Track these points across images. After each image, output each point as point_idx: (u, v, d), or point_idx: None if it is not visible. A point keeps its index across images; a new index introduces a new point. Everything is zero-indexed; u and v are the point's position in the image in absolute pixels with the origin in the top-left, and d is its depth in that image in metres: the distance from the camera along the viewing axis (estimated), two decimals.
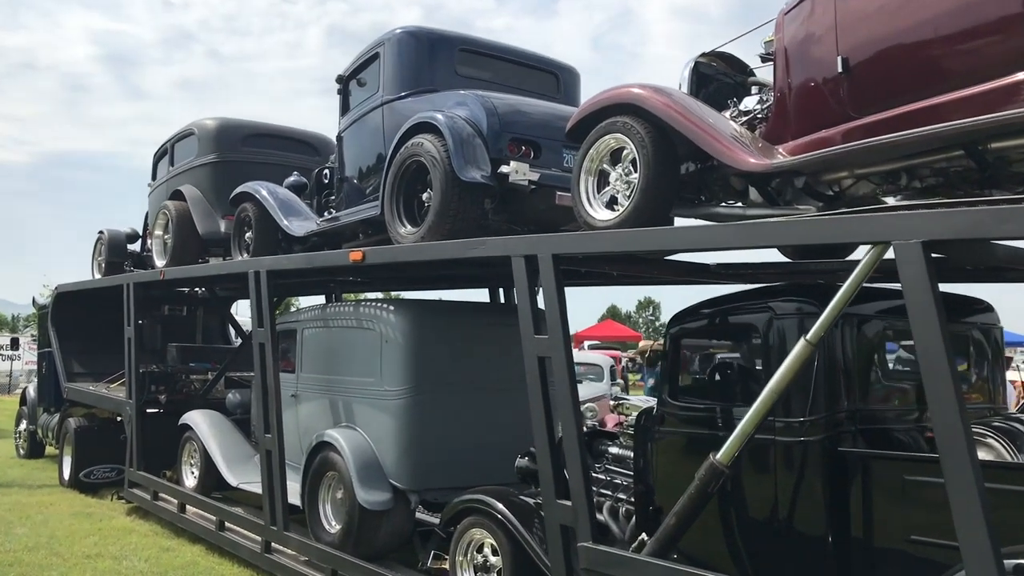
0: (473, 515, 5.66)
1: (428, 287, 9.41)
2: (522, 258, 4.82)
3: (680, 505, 3.98)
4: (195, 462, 9.07)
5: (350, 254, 6.27)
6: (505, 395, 6.91)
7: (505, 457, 6.86)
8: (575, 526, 4.44)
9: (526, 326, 4.78)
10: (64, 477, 11.25)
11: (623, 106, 4.72)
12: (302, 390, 7.53)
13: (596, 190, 4.91)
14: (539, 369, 4.69)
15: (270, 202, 7.84)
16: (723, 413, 4.43)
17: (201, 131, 9.56)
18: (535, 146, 5.96)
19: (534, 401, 4.71)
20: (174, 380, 10.49)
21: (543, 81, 7.09)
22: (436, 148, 5.80)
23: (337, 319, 7.30)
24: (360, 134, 7.11)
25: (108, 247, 11.71)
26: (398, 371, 6.52)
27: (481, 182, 5.61)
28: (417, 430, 6.48)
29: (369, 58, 7.00)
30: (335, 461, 6.73)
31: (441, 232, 5.76)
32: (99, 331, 12.35)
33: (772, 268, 5.78)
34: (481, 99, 5.99)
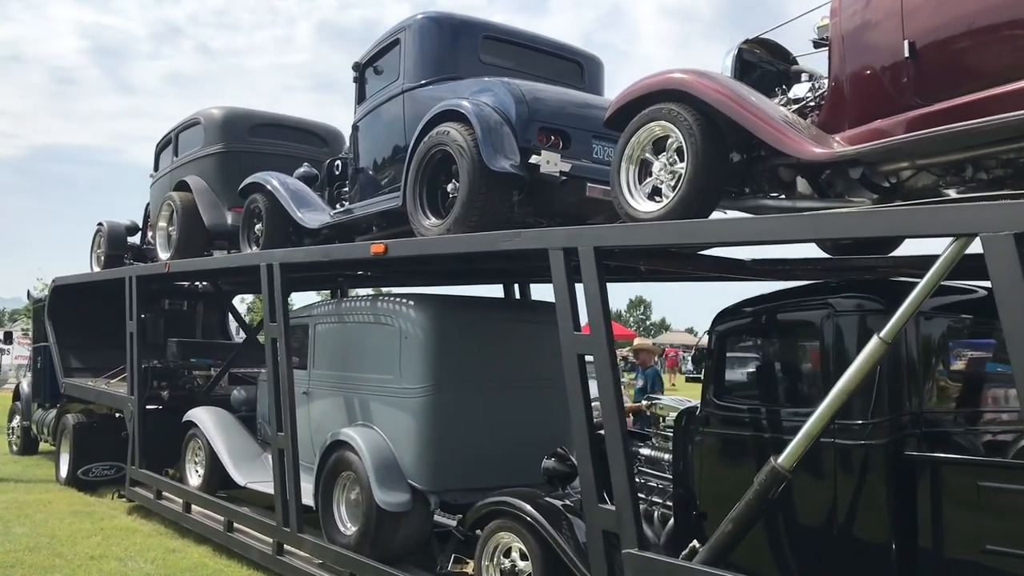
0: (500, 518, 5.45)
1: (440, 282, 9.19)
2: (560, 251, 4.61)
3: (738, 511, 3.78)
4: (200, 460, 8.83)
5: (372, 247, 6.03)
6: (526, 393, 6.72)
7: (526, 457, 6.66)
8: (619, 532, 4.23)
9: (564, 322, 4.58)
10: (62, 475, 10.98)
11: (668, 92, 4.51)
12: (314, 387, 7.29)
13: (637, 180, 4.69)
14: (578, 367, 4.48)
15: (282, 193, 7.60)
16: (774, 414, 4.24)
17: (207, 120, 9.30)
18: (564, 136, 5.75)
19: (573, 401, 4.50)
20: (176, 376, 10.24)
21: (567, 70, 6.88)
22: (463, 137, 5.58)
23: (353, 314, 7.06)
24: (378, 123, 6.88)
25: (108, 239, 11.44)
26: (418, 368, 6.29)
27: (511, 172, 5.39)
28: (437, 429, 6.27)
29: (388, 45, 6.77)
30: (351, 461, 6.51)
31: (468, 224, 5.55)
32: (97, 325, 12.08)
33: (811, 264, 5.59)
34: (508, 86, 5.77)
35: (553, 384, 6.86)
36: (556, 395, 6.87)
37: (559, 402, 6.87)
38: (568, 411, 6.88)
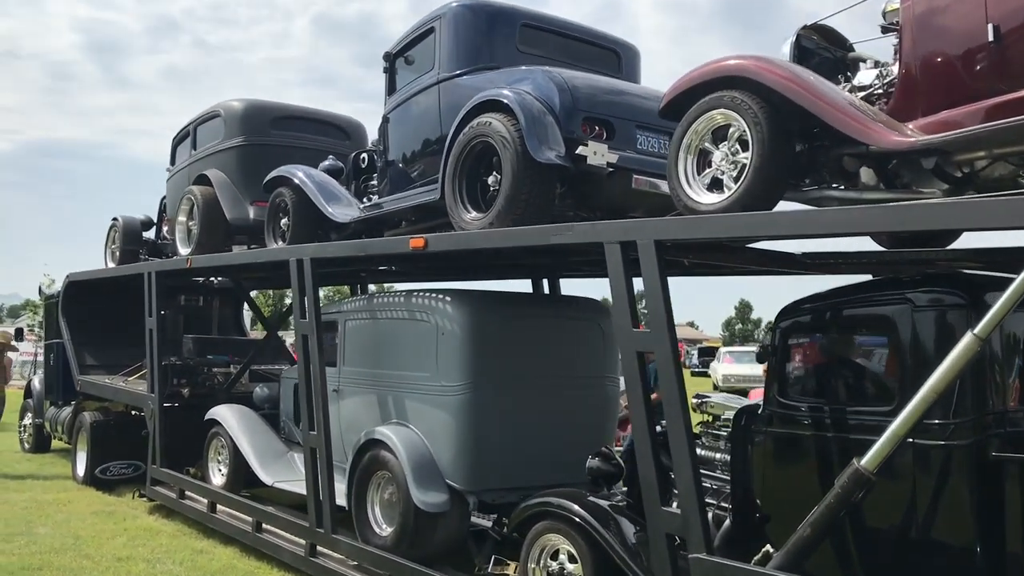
0: (547, 519, 5.30)
1: (465, 278, 9.03)
2: (617, 245, 4.45)
3: (817, 515, 3.63)
4: (223, 459, 8.68)
5: (411, 241, 5.87)
6: (563, 391, 6.59)
7: (564, 456, 6.53)
8: (685, 535, 4.08)
9: (622, 319, 4.42)
10: (79, 473, 10.83)
11: (730, 79, 4.35)
12: (345, 385, 7.14)
13: (696, 171, 4.54)
14: (638, 365, 4.32)
15: (310, 187, 7.44)
16: (843, 414, 4.09)
17: (227, 113, 9.13)
18: (608, 126, 5.59)
19: (633, 399, 4.34)
20: (196, 373, 10.08)
21: (604, 58, 6.71)
22: (506, 128, 5.42)
23: (386, 310, 6.90)
24: (410, 115, 6.71)
25: (123, 234, 11.30)
26: (456, 365, 6.14)
27: (558, 163, 5.23)
28: (476, 428, 6.12)
29: (421, 34, 6.60)
30: (386, 460, 6.36)
31: (511, 218, 5.39)
32: (111, 322, 11.94)
33: (865, 257, 5.44)
34: (551, 75, 5.61)
35: (590, 381, 6.79)
36: (593, 392, 6.80)
37: (596, 399, 6.82)
38: (605, 408, 6.89)
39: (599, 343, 6.80)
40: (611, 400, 6.87)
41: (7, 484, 10.52)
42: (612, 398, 6.88)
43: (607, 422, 6.87)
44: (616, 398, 6.94)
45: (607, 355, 6.84)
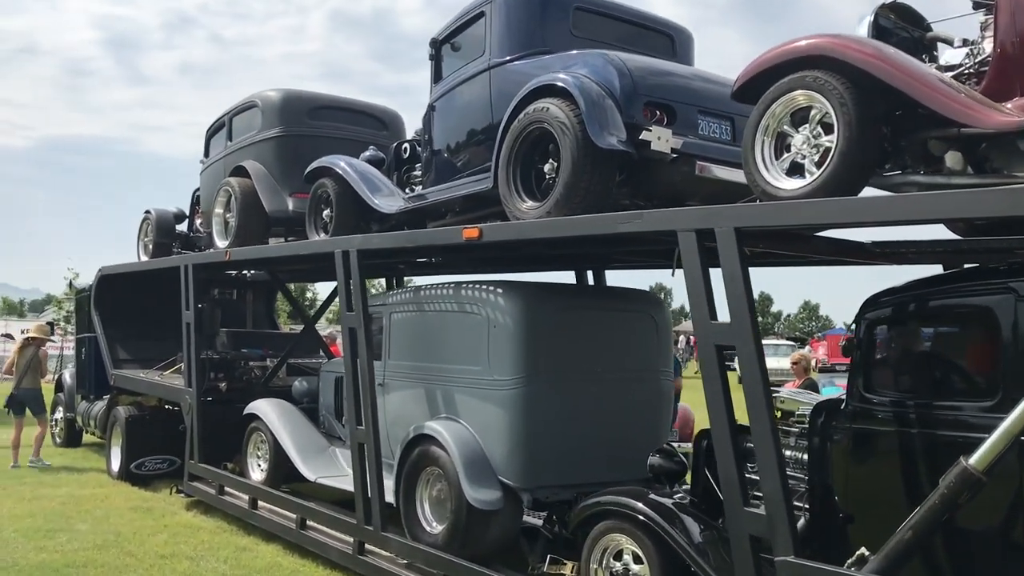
0: (610, 519, 5.13)
1: (506, 269, 8.87)
2: (693, 233, 4.26)
3: (919, 517, 3.43)
4: (263, 454, 8.56)
5: (464, 231, 5.70)
6: (618, 385, 6.41)
7: (619, 452, 6.37)
8: (771, 537, 3.89)
9: (699, 311, 4.22)
10: (113, 468, 10.76)
11: (812, 59, 4.14)
12: (390, 379, 6.99)
13: (774, 156, 4.34)
14: (717, 359, 4.14)
15: (354, 177, 7.28)
16: (935, 409, 3.88)
17: (265, 103, 8.99)
18: (670, 111, 5.39)
19: (712, 395, 4.15)
20: (233, 367, 9.97)
21: (658, 42, 6.51)
22: (564, 113, 5.23)
23: (433, 302, 6.74)
24: (458, 103, 6.53)
25: (156, 227, 11.21)
26: (508, 359, 5.97)
27: (621, 150, 5.04)
28: (530, 423, 5.95)
29: (470, 19, 6.42)
30: (437, 456, 6.21)
31: (570, 207, 5.21)
32: (143, 315, 11.87)
33: (941, 246, 5.21)
34: (609, 58, 5.41)
35: (644, 375, 6.61)
36: (647, 386, 6.61)
37: (650, 394, 6.63)
38: (659, 404, 6.70)
39: (652, 336, 6.61)
40: (665, 395, 6.68)
41: (43, 479, 10.47)
42: (666, 393, 6.69)
43: (662, 418, 6.68)
44: (671, 393, 6.75)
45: (661, 348, 6.66)
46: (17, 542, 7.24)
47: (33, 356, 11.97)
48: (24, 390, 11.83)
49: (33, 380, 11.96)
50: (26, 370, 11.86)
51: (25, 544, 7.18)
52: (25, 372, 11.85)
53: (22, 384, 11.85)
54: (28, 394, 11.87)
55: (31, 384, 11.93)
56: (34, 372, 11.97)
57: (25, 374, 11.86)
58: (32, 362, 11.93)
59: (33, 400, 11.92)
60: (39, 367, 12.06)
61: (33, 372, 11.95)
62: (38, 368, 12.03)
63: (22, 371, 11.86)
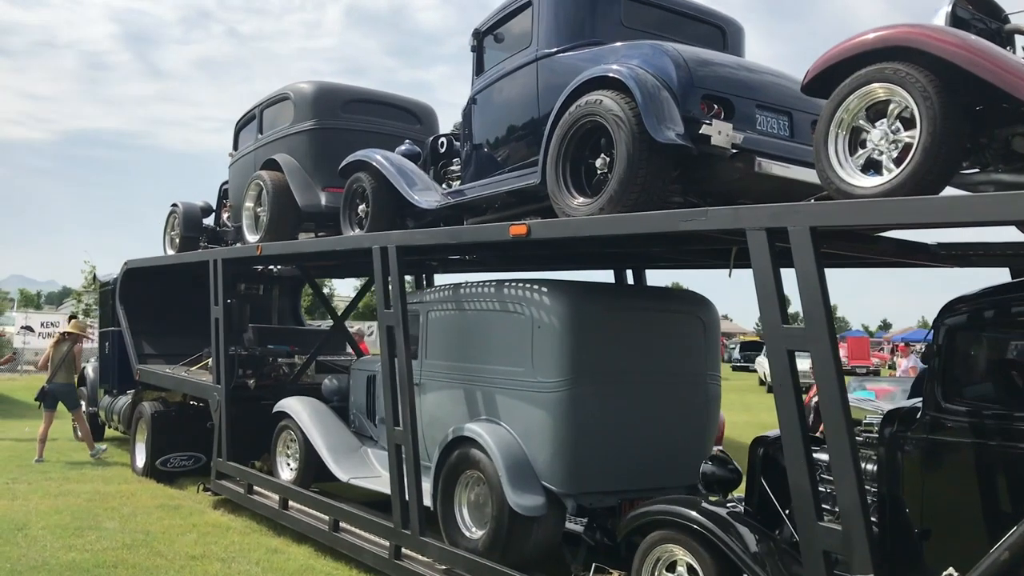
0: (664, 528, 4.93)
1: (541, 267, 8.69)
2: (763, 232, 4.06)
3: (1017, 536, 3.22)
4: (292, 453, 8.41)
5: (511, 228, 5.51)
6: (664, 388, 6.24)
7: (666, 458, 6.20)
8: (848, 555, 3.68)
9: (770, 314, 4.02)
10: (138, 465, 10.64)
11: (890, 50, 3.93)
12: (427, 379, 6.82)
13: (848, 152, 4.13)
14: (789, 365, 3.93)
15: (391, 171, 7.11)
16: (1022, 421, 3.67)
17: (297, 96, 8.82)
18: (728, 104, 5.18)
19: (783, 402, 3.95)
20: (261, 364, 9.82)
21: (709, 35, 6.30)
22: (619, 106, 5.03)
23: (474, 301, 6.55)
24: (502, 96, 6.34)
25: (183, 221, 11.08)
26: (553, 360, 5.79)
27: (680, 144, 4.84)
28: (575, 427, 5.77)
29: (515, 9, 6.23)
30: (477, 459, 6.04)
31: (624, 203, 5.01)
32: (168, 310, 11.77)
33: (1012, 248, 5.00)
34: (664, 49, 5.21)
35: (691, 378, 6.41)
36: (694, 390, 6.41)
37: (697, 398, 6.43)
38: (707, 408, 6.50)
39: (700, 337, 6.42)
40: (713, 399, 6.48)
41: (68, 474, 10.37)
42: (714, 397, 6.49)
43: (709, 423, 6.48)
44: (718, 397, 6.55)
45: (709, 350, 6.46)
46: (46, 540, 7.11)
47: (68, 351, 11.95)
48: (57, 384, 11.84)
49: (67, 375, 11.98)
50: (60, 365, 11.86)
51: (54, 542, 7.05)
52: (59, 367, 11.85)
53: (55, 378, 11.84)
54: (62, 388, 11.88)
55: (65, 379, 11.95)
56: (68, 367, 11.96)
57: (59, 369, 11.84)
58: (67, 357, 11.90)
59: (66, 395, 11.95)
60: (74, 363, 12.00)
61: (67, 367, 11.95)
62: (73, 363, 11.99)
63: (56, 365, 11.85)
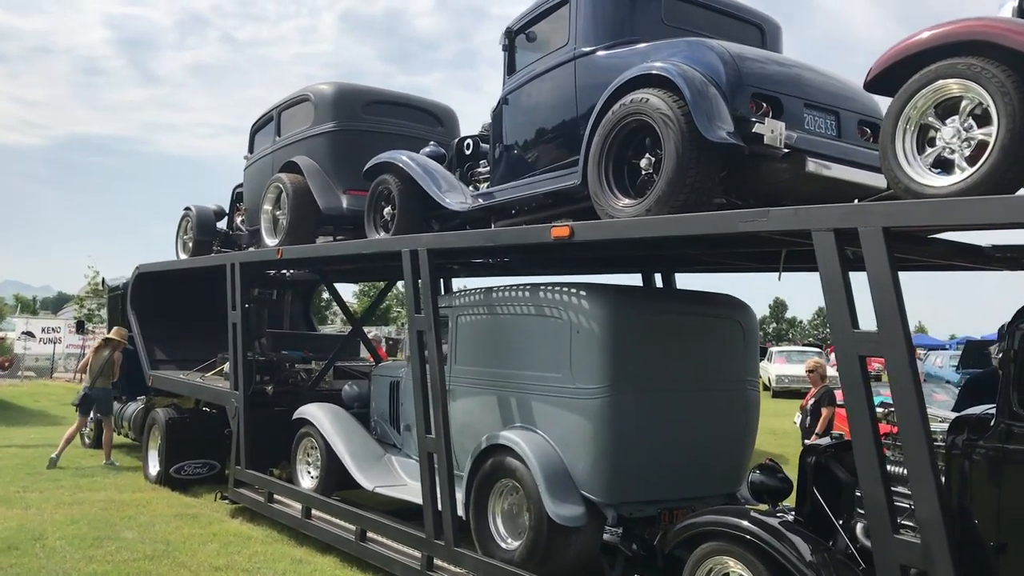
0: (715, 540, 4.77)
1: (568, 270, 8.54)
2: (831, 233, 3.91)
3: None
4: (313, 461, 8.25)
5: (552, 230, 5.36)
6: (705, 394, 6.09)
7: (706, 466, 6.07)
8: (928, 569, 3.53)
9: (839, 319, 3.87)
10: (151, 473, 10.46)
11: (962, 45, 3.80)
12: (456, 385, 6.65)
13: (916, 150, 3.99)
14: (861, 372, 3.79)
15: (420, 174, 6.96)
16: None
17: (317, 97, 8.67)
18: (777, 103, 5.04)
19: (855, 410, 3.81)
20: (279, 370, 9.66)
21: (748, 33, 6.17)
22: (667, 104, 4.89)
23: (507, 304, 6.40)
24: (537, 95, 6.20)
25: (197, 225, 10.92)
26: (593, 366, 5.64)
27: (732, 143, 4.70)
28: (616, 435, 5.62)
29: (550, 7, 6.10)
30: (513, 468, 5.89)
31: (673, 204, 4.86)
32: (180, 315, 11.60)
33: None
34: (711, 46, 5.08)
35: (732, 384, 6.26)
36: (735, 396, 6.27)
37: (737, 404, 6.28)
38: (746, 415, 6.36)
39: (740, 342, 6.28)
40: (752, 406, 6.34)
41: (79, 482, 10.18)
42: (753, 404, 6.35)
43: (748, 430, 6.34)
44: (758, 403, 6.40)
45: (748, 355, 6.32)
46: (65, 551, 6.93)
47: (108, 358, 11.79)
48: (98, 390, 11.77)
49: (105, 381, 11.88)
50: (100, 371, 11.75)
51: (73, 553, 6.88)
52: (100, 372, 11.76)
53: (96, 383, 11.74)
54: (101, 394, 11.82)
55: (104, 384, 11.84)
56: (107, 373, 11.83)
57: (100, 374, 11.75)
58: (107, 363, 11.77)
59: (104, 401, 11.87)
60: (112, 369, 11.85)
61: (106, 373, 11.83)
62: (112, 370, 11.85)
63: (96, 372, 11.75)
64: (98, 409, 11.84)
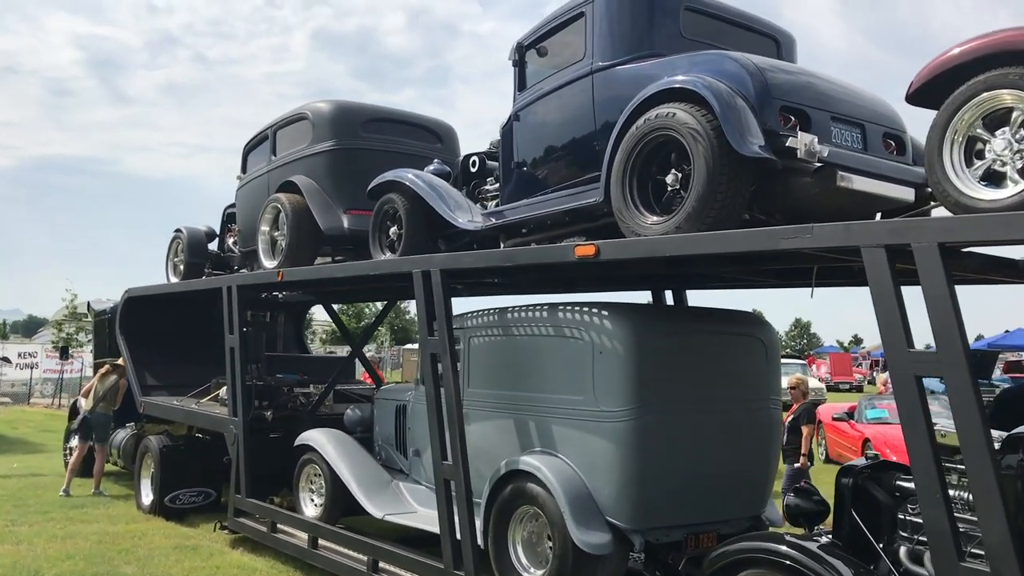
0: (755, 567, 4.63)
1: (571, 289, 8.39)
2: (882, 249, 3.79)
3: None
4: (316, 488, 8.01)
5: (577, 249, 5.20)
6: (730, 415, 5.94)
7: (730, 488, 5.91)
8: None
9: (894, 337, 3.74)
10: (144, 502, 10.17)
11: (1011, 54, 3.70)
12: (471, 408, 6.46)
13: (964, 163, 3.88)
14: (919, 392, 3.66)
15: (429, 193, 6.79)
16: None
17: (316, 115, 8.49)
18: (805, 116, 4.93)
19: (913, 434, 3.67)
20: (277, 394, 9.41)
21: (764, 46, 6.07)
22: (695, 119, 4.76)
23: (523, 325, 6.22)
24: (550, 111, 6.05)
25: (188, 246, 10.69)
26: (618, 388, 5.48)
27: (765, 157, 4.58)
28: (642, 458, 5.45)
29: (564, 22, 5.96)
30: (534, 494, 5.70)
31: (704, 220, 4.72)
32: (170, 339, 11.33)
33: None
34: (736, 59, 4.97)
35: (755, 404, 6.12)
36: (758, 416, 6.12)
37: (761, 425, 6.14)
38: (770, 436, 6.22)
39: (762, 360, 6.15)
40: (775, 426, 6.21)
41: (69, 514, 9.87)
42: (776, 423, 6.22)
43: (771, 451, 6.20)
44: (780, 423, 6.27)
45: (770, 374, 6.19)
46: None
47: (114, 384, 11.52)
48: (98, 414, 11.55)
49: (107, 407, 11.63)
50: (104, 396, 11.52)
51: None
52: (103, 397, 11.53)
53: (97, 408, 11.50)
54: (100, 419, 11.60)
55: (105, 410, 11.61)
56: (110, 400, 11.56)
57: (103, 399, 11.51)
58: (111, 390, 11.51)
59: (103, 427, 11.64)
60: (116, 396, 11.55)
61: (109, 399, 11.56)
62: (115, 397, 11.54)
63: (100, 396, 11.53)
64: (95, 435, 11.52)
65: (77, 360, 26.88)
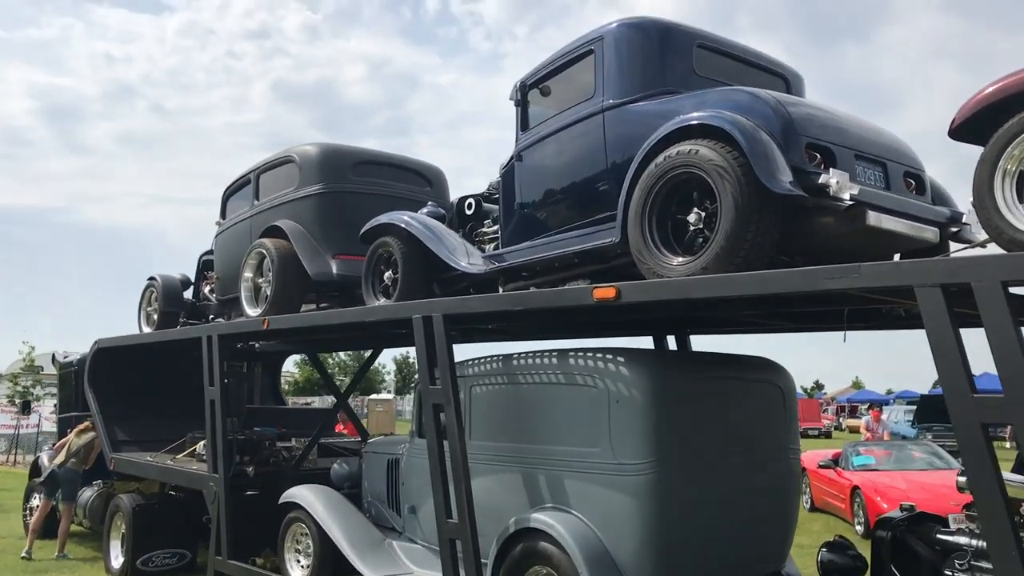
0: None
1: (569, 335, 8.14)
2: (938, 288, 3.58)
3: None
4: (303, 548, 7.57)
5: (595, 292, 4.95)
6: (751, 466, 5.68)
7: (752, 542, 5.63)
8: None
9: (954, 382, 3.51)
10: (113, 565, 9.60)
11: None
12: (474, 462, 6.11)
13: (1017, 198, 3.72)
14: (985, 441, 3.42)
15: (428, 236, 6.53)
16: None
17: (302, 159, 8.23)
18: (829, 154, 4.77)
19: (981, 484, 3.43)
20: (258, 449, 8.97)
21: (774, 84, 5.93)
22: (720, 155, 4.58)
23: (530, 372, 5.94)
24: (558, 150, 5.85)
25: (163, 295, 10.29)
26: (637, 439, 5.19)
27: (796, 193, 4.39)
28: (663, 514, 5.15)
29: (571, 60, 5.79)
30: (548, 553, 5.36)
31: (732, 261, 4.51)
32: (141, 393, 10.83)
33: None
34: (757, 95, 4.82)
35: (775, 454, 5.87)
36: (778, 467, 5.87)
37: (781, 476, 5.88)
38: (790, 487, 5.97)
39: (780, 408, 5.92)
40: (795, 476, 5.97)
41: None
42: (795, 474, 5.97)
43: (791, 503, 5.93)
44: (799, 473, 6.02)
45: (789, 422, 5.95)
46: None
47: (89, 442, 10.91)
48: (67, 470, 10.79)
49: (78, 464, 10.92)
50: (77, 452, 10.82)
51: None
52: (75, 454, 10.81)
53: (68, 464, 10.79)
54: (69, 475, 10.82)
55: (76, 467, 10.89)
56: (81, 457, 10.89)
57: (75, 455, 10.81)
58: (86, 447, 10.89)
59: (71, 483, 10.86)
60: (89, 455, 10.91)
61: (80, 457, 10.90)
62: (88, 455, 10.90)
63: (72, 452, 10.81)
64: (61, 492, 10.86)
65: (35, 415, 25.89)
